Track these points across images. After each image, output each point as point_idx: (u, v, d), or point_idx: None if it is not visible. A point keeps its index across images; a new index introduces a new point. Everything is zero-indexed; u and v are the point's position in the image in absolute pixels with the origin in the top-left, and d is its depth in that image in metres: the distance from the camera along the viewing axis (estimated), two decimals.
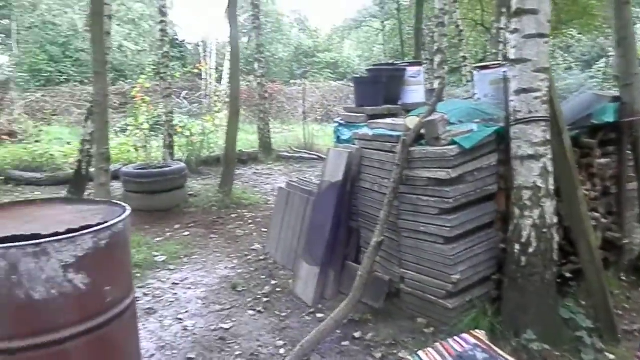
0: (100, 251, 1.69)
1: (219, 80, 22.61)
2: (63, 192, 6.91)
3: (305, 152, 10.63)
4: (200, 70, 18.59)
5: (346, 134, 3.98)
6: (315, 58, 29.09)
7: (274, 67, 26.71)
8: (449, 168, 2.77)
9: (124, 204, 2.03)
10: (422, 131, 2.98)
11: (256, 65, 11.48)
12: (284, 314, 3.31)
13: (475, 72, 3.99)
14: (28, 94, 16.19)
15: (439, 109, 3.16)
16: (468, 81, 11.41)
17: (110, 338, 1.76)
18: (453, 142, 2.81)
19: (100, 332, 1.69)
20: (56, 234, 1.61)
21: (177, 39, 25.10)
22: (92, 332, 1.67)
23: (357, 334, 2.95)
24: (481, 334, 2.45)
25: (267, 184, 8.11)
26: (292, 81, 23.70)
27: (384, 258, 3.32)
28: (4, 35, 21.46)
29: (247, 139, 11.90)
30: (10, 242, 1.54)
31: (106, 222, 1.75)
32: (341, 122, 4.15)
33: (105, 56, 4.47)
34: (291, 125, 16.51)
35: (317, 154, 10.30)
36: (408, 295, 3.12)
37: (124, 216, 1.85)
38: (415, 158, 2.96)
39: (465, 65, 12.20)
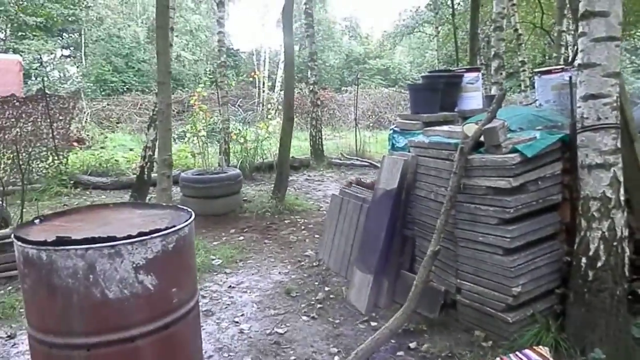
0: (168, 254, 1.77)
1: (271, 88, 23.13)
2: (126, 196, 7.29)
3: (357, 159, 10.61)
4: (254, 78, 19.05)
5: (401, 141, 3.95)
6: (366, 65, 29.13)
7: (325, 74, 27.00)
8: (509, 177, 2.69)
9: (188, 209, 2.11)
10: (481, 139, 2.91)
11: (309, 73, 11.63)
12: (337, 321, 3.32)
13: (536, 77, 3.84)
14: (95, 102, 17.23)
15: (499, 116, 3.07)
16: (527, 86, 11.04)
17: (176, 337, 1.84)
18: (514, 150, 2.72)
19: (167, 332, 1.78)
20: (129, 236, 1.70)
21: (232, 48, 25.95)
22: (160, 331, 1.75)
23: (412, 345, 2.90)
24: (544, 350, 2.36)
25: (319, 190, 8.17)
26: (343, 88, 23.85)
27: (440, 268, 3.26)
28: (73, 48, 23.02)
29: (299, 146, 12.05)
30: (88, 244, 1.64)
31: (174, 226, 1.83)
32: (396, 129, 4.12)
33: (169, 67, 4.68)
34: (342, 132, 16.58)
35: (369, 160, 10.27)
36: (465, 306, 3.04)
37: (189, 220, 1.93)
38: (474, 166, 2.89)
39: (524, 70, 11.80)
